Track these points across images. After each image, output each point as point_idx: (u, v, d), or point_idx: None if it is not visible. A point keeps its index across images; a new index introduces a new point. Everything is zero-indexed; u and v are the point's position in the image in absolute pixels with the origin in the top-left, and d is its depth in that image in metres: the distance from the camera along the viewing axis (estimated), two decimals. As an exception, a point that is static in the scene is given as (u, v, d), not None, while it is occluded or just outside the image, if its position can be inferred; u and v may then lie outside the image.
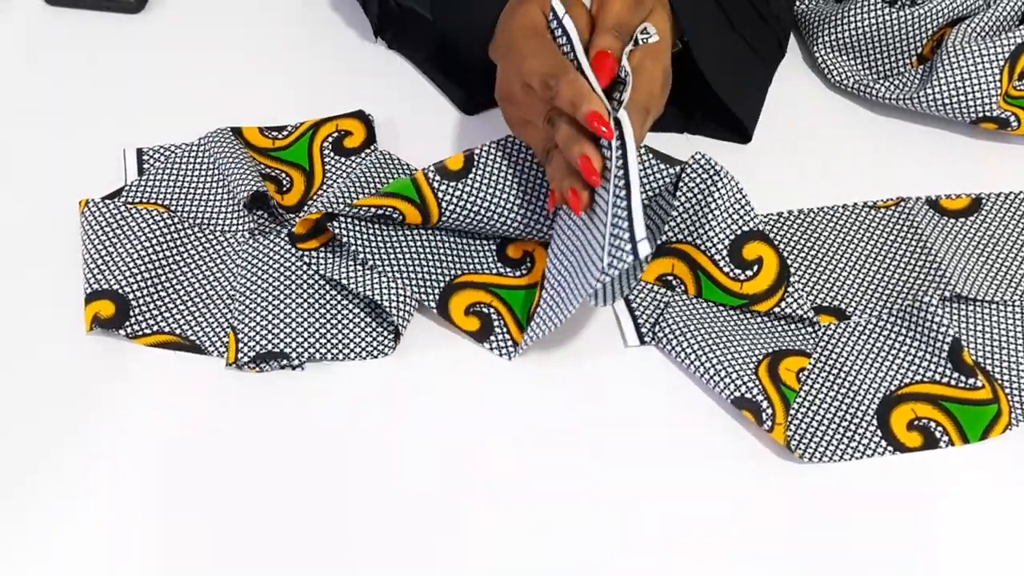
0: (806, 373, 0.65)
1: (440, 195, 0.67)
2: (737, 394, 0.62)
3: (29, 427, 0.62)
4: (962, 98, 0.77)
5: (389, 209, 0.66)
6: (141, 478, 0.60)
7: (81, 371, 0.64)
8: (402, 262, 0.68)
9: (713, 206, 0.67)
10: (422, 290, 0.67)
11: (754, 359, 0.65)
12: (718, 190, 0.67)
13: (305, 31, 0.85)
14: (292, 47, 0.85)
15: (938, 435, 0.63)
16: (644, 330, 0.67)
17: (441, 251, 0.70)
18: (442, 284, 0.68)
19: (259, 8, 0.88)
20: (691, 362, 0.65)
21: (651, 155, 0.69)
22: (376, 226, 0.68)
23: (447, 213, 0.67)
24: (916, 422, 0.63)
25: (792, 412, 0.63)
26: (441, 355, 0.66)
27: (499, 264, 0.70)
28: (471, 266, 0.70)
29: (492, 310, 0.68)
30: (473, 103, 0.81)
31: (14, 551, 0.57)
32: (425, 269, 0.68)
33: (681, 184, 0.68)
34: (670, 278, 0.69)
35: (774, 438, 0.62)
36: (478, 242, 0.71)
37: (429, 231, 0.70)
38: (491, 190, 0.67)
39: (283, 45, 0.85)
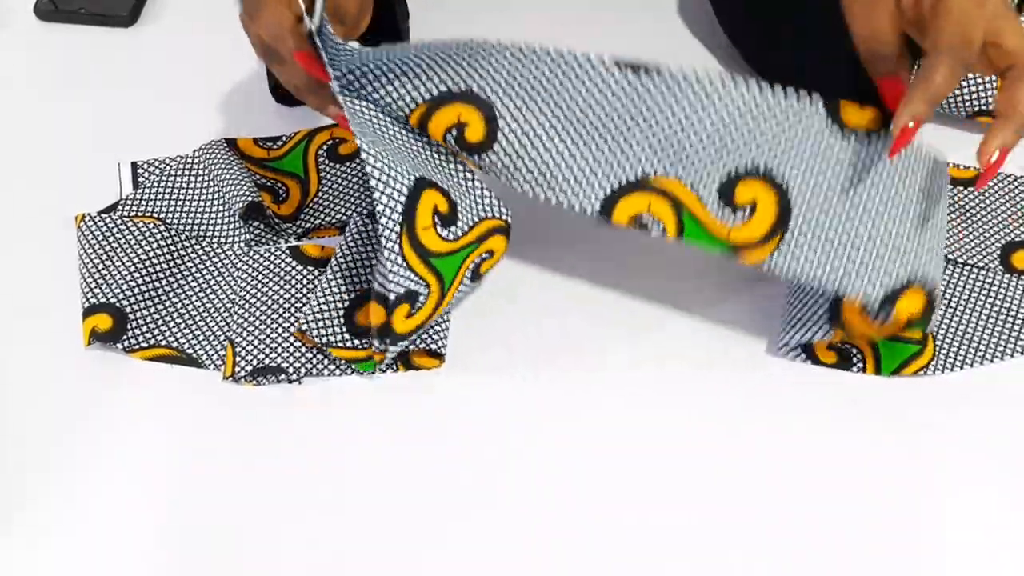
0: None
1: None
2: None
3: (27, 441, 0.62)
4: (958, 92, 0.77)
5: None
6: (138, 492, 0.60)
7: (79, 385, 0.64)
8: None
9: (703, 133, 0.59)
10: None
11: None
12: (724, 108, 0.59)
13: (298, 40, 0.85)
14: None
15: (855, 360, 0.65)
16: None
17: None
18: None
19: (251, 19, 0.88)
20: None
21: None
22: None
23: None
24: (840, 345, 0.66)
25: None
26: (439, 369, 0.66)
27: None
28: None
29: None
30: None
31: (13, 565, 0.57)
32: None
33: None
34: (646, 219, 0.61)
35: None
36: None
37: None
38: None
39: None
